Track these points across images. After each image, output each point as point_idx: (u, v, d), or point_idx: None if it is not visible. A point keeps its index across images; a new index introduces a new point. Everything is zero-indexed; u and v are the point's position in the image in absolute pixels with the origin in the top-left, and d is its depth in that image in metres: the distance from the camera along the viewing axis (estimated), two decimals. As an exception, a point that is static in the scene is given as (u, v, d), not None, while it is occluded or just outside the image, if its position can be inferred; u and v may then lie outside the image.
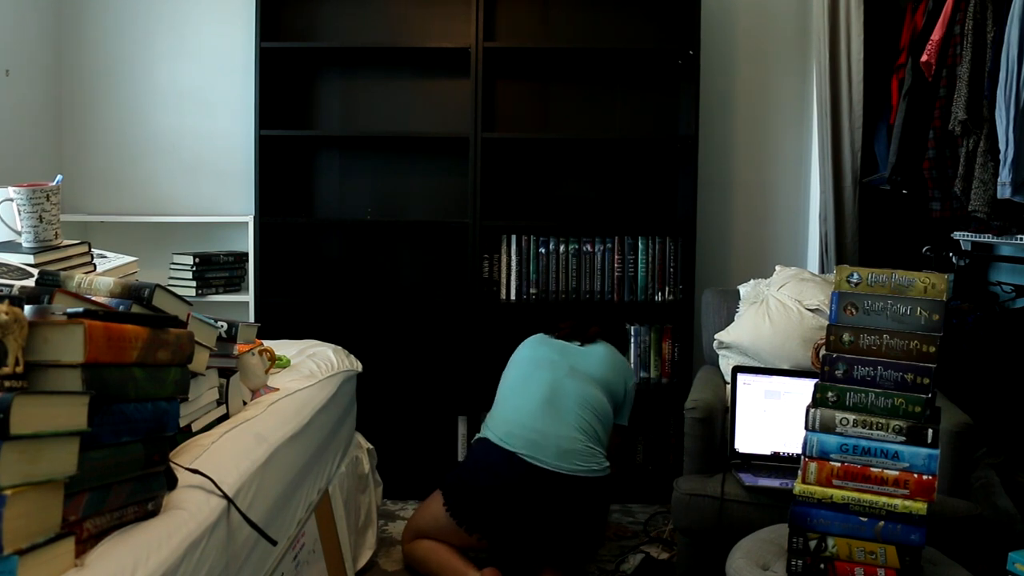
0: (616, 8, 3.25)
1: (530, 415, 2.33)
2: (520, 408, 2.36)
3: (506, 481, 2.26)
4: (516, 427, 2.31)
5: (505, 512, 2.25)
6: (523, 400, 2.37)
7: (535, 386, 2.39)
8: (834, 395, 1.59)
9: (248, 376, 1.85)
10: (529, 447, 2.27)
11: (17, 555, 0.89)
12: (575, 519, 2.28)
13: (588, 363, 2.48)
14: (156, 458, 1.17)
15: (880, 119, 2.94)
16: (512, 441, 2.29)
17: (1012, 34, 2.16)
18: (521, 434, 2.30)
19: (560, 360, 2.47)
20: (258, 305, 3.14)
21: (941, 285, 1.57)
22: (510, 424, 2.33)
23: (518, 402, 2.38)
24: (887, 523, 1.54)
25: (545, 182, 3.31)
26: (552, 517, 2.25)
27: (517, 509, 2.25)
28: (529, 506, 2.24)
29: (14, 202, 1.75)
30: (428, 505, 2.44)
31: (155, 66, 3.34)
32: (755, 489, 2.11)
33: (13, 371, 0.96)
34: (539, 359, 2.49)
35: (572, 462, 2.27)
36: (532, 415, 2.32)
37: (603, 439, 2.40)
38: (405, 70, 3.29)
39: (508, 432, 2.31)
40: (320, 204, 3.33)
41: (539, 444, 2.27)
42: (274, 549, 1.57)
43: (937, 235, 2.79)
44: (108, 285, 1.36)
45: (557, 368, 2.44)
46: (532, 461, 2.25)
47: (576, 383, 2.41)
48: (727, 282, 3.30)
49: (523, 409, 2.35)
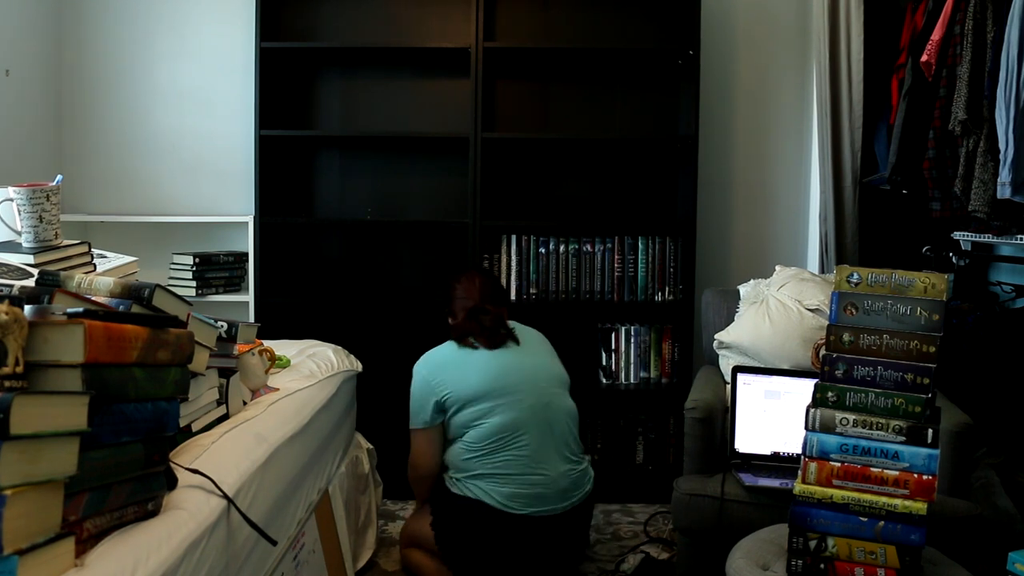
0: (616, 8, 3.25)
1: (532, 468, 2.15)
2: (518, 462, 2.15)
3: (521, 543, 2.15)
4: (518, 486, 2.13)
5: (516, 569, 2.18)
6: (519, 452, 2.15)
7: (527, 437, 2.16)
8: (834, 395, 1.59)
9: (248, 376, 1.85)
10: (536, 503, 2.14)
11: (17, 555, 0.89)
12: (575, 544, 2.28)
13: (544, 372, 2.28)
14: (156, 458, 1.17)
15: (880, 119, 2.94)
16: (518, 505, 2.13)
17: (1012, 34, 2.16)
18: (526, 493, 2.13)
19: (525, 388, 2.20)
20: (258, 305, 3.14)
21: (941, 285, 1.57)
22: (512, 483, 2.14)
23: (514, 455, 2.15)
24: (887, 523, 1.54)
25: (545, 182, 3.31)
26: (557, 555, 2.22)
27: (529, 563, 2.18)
28: (541, 555, 2.18)
29: (14, 202, 1.75)
30: (423, 524, 2.29)
31: (155, 66, 3.34)
32: (755, 489, 2.11)
33: (13, 371, 0.96)
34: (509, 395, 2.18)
35: (574, 494, 2.20)
36: (534, 467, 2.15)
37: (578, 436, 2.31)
38: (405, 70, 3.29)
39: (512, 495, 2.13)
40: (320, 204, 3.33)
41: (544, 496, 2.15)
42: (274, 549, 1.57)
43: (937, 235, 2.79)
44: (108, 285, 1.36)
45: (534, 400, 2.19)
46: (539, 515, 2.14)
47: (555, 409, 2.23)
48: (727, 282, 3.30)
49: (522, 463, 2.15)
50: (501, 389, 2.18)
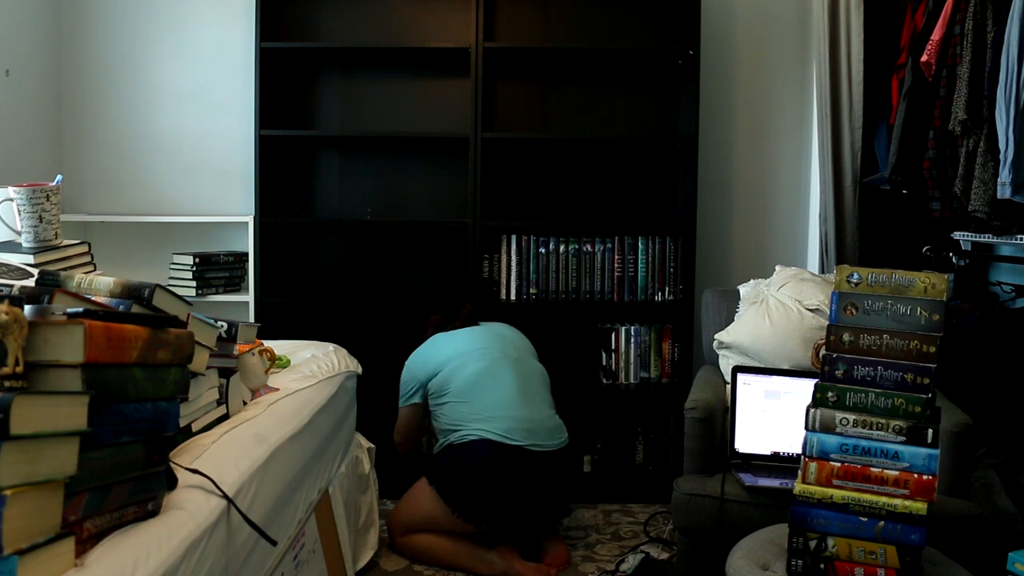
0: (616, 8, 3.25)
1: (518, 406, 2.46)
2: (504, 402, 2.46)
3: (522, 476, 2.40)
4: (511, 421, 2.43)
5: (519, 502, 2.42)
6: (502, 394, 2.48)
7: (505, 377, 2.51)
8: (834, 395, 1.59)
9: (248, 376, 1.85)
10: (530, 436, 2.43)
11: (17, 555, 0.89)
12: (564, 484, 2.54)
13: (510, 341, 2.65)
14: (156, 458, 1.17)
15: (880, 119, 2.94)
16: (516, 436, 2.41)
17: (1012, 34, 2.16)
18: (519, 427, 2.43)
19: (492, 345, 2.59)
20: (258, 305, 3.14)
21: (941, 285, 1.57)
22: (505, 420, 2.43)
23: (499, 396, 2.47)
24: (887, 523, 1.54)
25: (545, 182, 3.31)
26: (551, 491, 2.49)
27: (530, 496, 2.43)
28: (538, 490, 2.44)
29: (14, 202, 1.75)
30: (420, 503, 2.50)
31: (155, 66, 3.34)
32: (755, 489, 2.11)
33: (13, 371, 0.96)
34: (476, 350, 2.56)
35: (558, 437, 2.51)
36: (519, 405, 2.47)
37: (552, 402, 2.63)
38: (405, 70, 3.29)
39: (508, 428, 2.42)
40: (320, 204, 3.33)
41: (535, 431, 2.45)
42: (274, 549, 1.57)
43: (937, 235, 2.79)
44: (108, 285, 1.36)
45: (503, 354, 2.57)
46: (536, 449, 2.42)
47: (525, 364, 2.60)
48: (727, 282, 3.30)
49: (507, 402, 2.46)
50: (471, 348, 2.57)
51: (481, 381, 2.49)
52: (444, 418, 2.52)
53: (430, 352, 2.64)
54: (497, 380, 2.49)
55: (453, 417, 2.49)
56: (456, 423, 2.48)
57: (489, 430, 2.41)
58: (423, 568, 2.50)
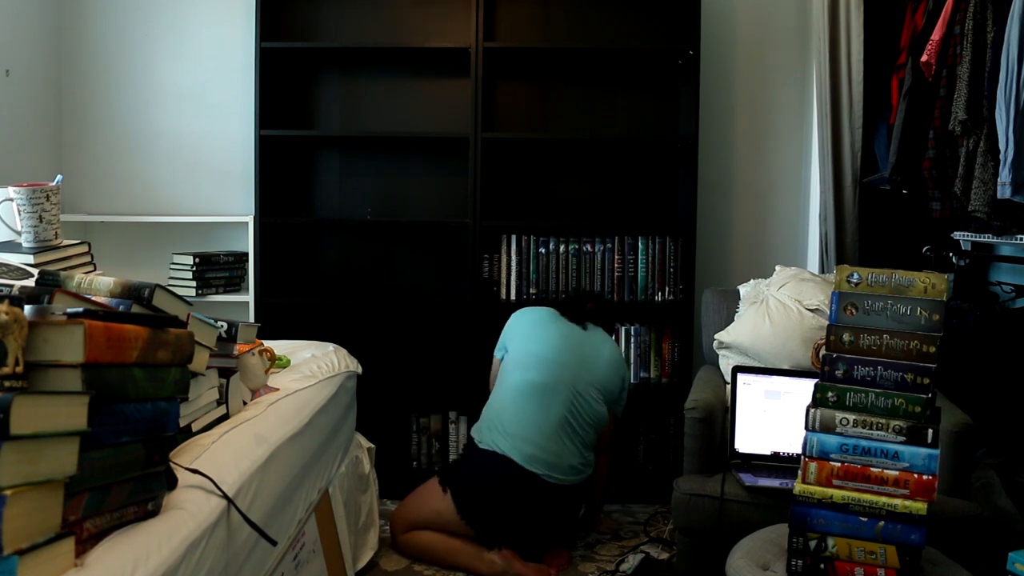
0: (616, 8, 3.25)
1: (551, 439, 2.44)
2: (540, 431, 2.45)
3: (528, 499, 2.42)
4: (537, 450, 2.43)
5: (522, 521, 2.44)
6: (542, 421, 2.45)
7: (555, 407, 2.46)
8: (834, 395, 1.59)
9: (248, 376, 1.85)
10: (550, 469, 2.44)
11: (17, 555, 0.89)
12: (573, 513, 2.58)
13: (595, 366, 2.55)
14: (156, 458, 1.17)
15: (880, 119, 2.94)
16: (536, 466, 2.42)
17: (1012, 34, 2.16)
18: (543, 458, 2.43)
19: (567, 363, 2.52)
20: (258, 305, 3.14)
21: (941, 285, 1.57)
22: (532, 447, 2.43)
23: (539, 422, 2.45)
24: (887, 523, 1.54)
25: (545, 182, 3.31)
26: (558, 517, 2.51)
27: (532, 518, 2.45)
28: (543, 514, 2.46)
29: (14, 202, 1.75)
30: (427, 500, 2.51)
31: (155, 66, 3.34)
32: (755, 489, 2.11)
33: (13, 371, 0.96)
34: (547, 360, 2.52)
35: (578, 476, 2.50)
36: (552, 439, 2.45)
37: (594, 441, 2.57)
38: (405, 70, 3.29)
39: (531, 457, 2.42)
40: (320, 204, 3.33)
41: (557, 466, 2.45)
42: (274, 549, 1.57)
43: (937, 235, 2.79)
44: (108, 285, 1.36)
45: (571, 379, 2.50)
46: (550, 480, 2.44)
47: (583, 403, 2.50)
48: (727, 282, 3.30)
49: (543, 432, 2.44)
50: (544, 354, 2.52)
51: (532, 396, 2.48)
52: (492, 399, 2.58)
53: (522, 323, 2.65)
54: (545, 406, 2.47)
55: (494, 403, 2.55)
56: (491, 415, 2.52)
57: (513, 448, 2.43)
58: (423, 568, 2.50)
